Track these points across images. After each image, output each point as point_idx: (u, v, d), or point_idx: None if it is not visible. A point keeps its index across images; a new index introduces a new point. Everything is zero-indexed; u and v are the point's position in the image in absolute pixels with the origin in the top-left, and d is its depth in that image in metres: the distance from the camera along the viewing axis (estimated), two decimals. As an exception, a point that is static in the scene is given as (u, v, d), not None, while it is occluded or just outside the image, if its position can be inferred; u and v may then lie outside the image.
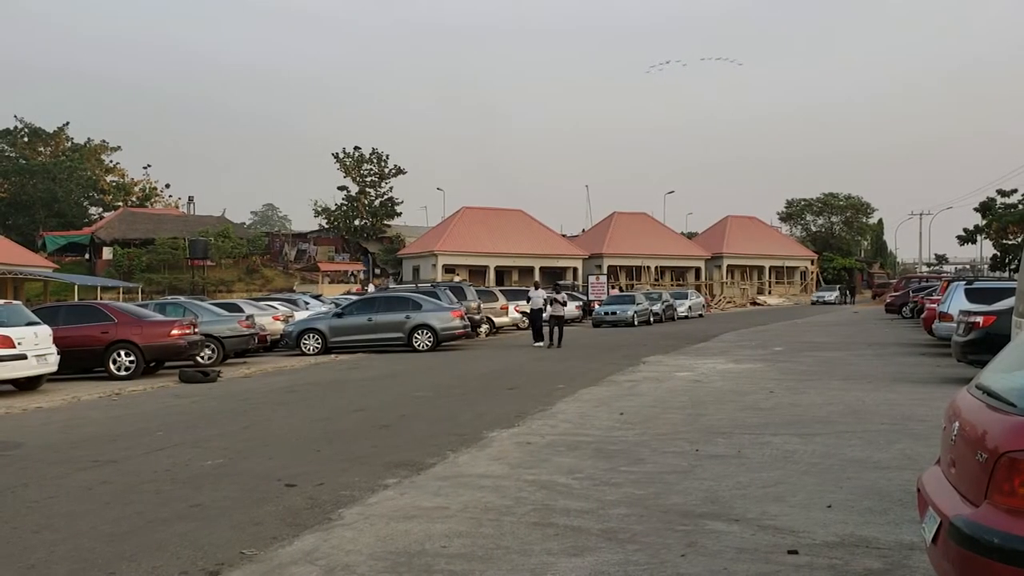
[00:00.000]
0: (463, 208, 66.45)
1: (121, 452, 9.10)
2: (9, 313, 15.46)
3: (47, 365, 15.54)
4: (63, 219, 70.56)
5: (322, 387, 15.51)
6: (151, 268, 59.27)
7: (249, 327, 21.76)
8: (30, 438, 10.29)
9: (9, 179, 70.76)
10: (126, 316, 18.29)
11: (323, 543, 5.51)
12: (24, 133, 75.77)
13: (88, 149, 77.99)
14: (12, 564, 5.26)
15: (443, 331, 23.77)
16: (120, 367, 17.49)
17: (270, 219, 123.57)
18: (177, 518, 6.27)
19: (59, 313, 18.09)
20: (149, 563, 5.20)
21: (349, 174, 71.23)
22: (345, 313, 24.58)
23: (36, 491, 7.31)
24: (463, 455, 8.40)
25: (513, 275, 61.94)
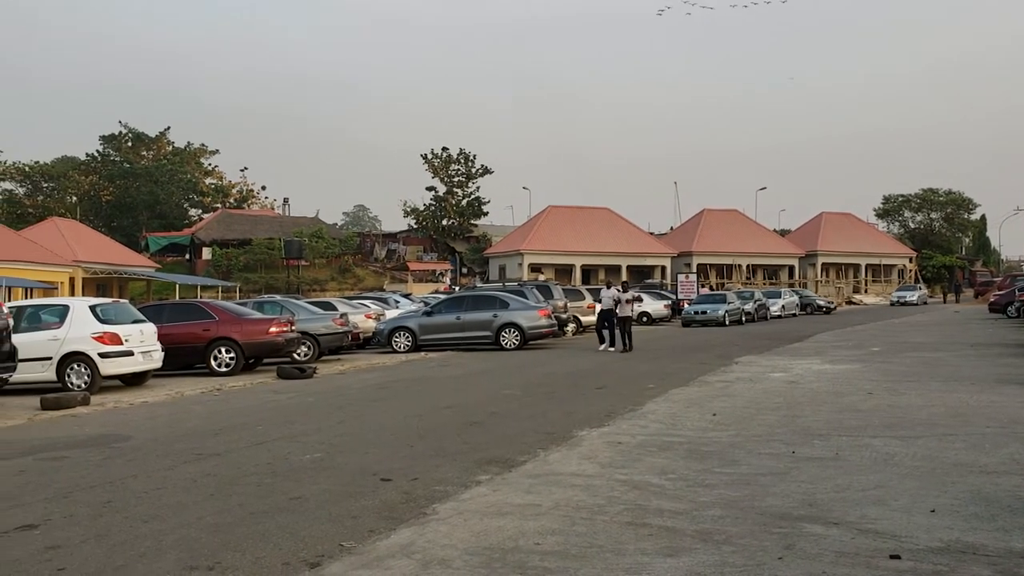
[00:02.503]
0: (549, 207, 66.48)
1: (223, 445, 9.42)
2: (116, 311, 16.19)
3: (152, 361, 16.20)
4: (165, 220, 73.31)
5: (413, 384, 15.75)
6: (248, 268, 61.09)
7: (343, 325, 22.26)
8: (138, 431, 10.75)
9: (114, 182, 73.88)
10: (227, 314, 18.92)
11: (419, 537, 5.60)
12: (128, 138, 79.00)
13: (188, 153, 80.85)
14: (125, 552, 5.50)
15: (530, 330, 23.82)
16: (221, 363, 18.11)
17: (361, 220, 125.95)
18: (278, 510, 6.46)
19: (163, 311, 18.83)
20: (253, 554, 5.37)
21: (437, 175, 72.06)
22: (434, 312, 24.91)
23: (145, 482, 7.63)
24: (553, 453, 8.43)
25: (599, 273, 61.61)
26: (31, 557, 5.40)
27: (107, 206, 74.08)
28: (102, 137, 78.26)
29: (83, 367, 15.11)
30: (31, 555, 5.44)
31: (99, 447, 9.59)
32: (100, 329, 15.27)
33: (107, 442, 9.93)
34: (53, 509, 6.66)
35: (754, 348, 22.36)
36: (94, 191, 74.45)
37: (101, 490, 7.32)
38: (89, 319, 15.38)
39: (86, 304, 15.96)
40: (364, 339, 25.36)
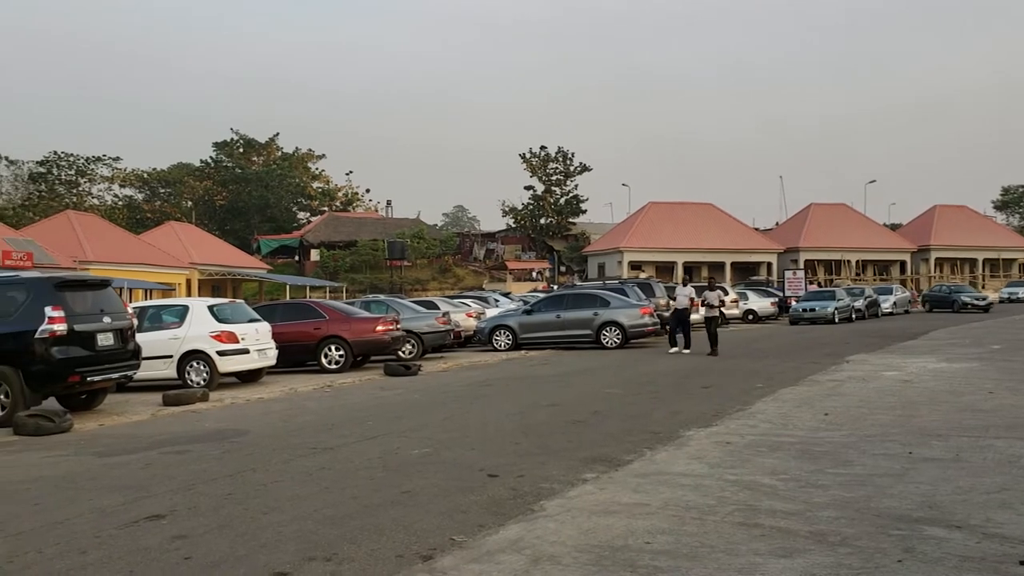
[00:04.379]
0: (649, 203, 65.87)
1: (336, 440, 9.70)
2: (233, 311, 16.85)
3: (267, 359, 16.80)
4: (275, 223, 75.76)
5: (515, 382, 15.86)
6: (353, 268, 62.61)
7: (446, 323, 22.60)
8: (254, 426, 11.16)
9: (227, 187, 76.79)
10: (336, 313, 19.47)
11: (527, 533, 5.65)
12: (239, 144, 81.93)
13: (296, 158, 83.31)
14: (246, 542, 5.72)
15: (632, 328, 23.65)
16: (331, 361, 18.64)
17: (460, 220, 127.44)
18: (390, 504, 6.61)
19: (276, 311, 19.50)
20: (368, 546, 5.52)
21: (535, 173, 72.29)
22: (534, 310, 25.00)
23: (263, 475, 7.92)
24: (660, 453, 8.36)
25: (703, 271, 60.70)
26: (160, 546, 5.67)
27: (220, 210, 77.01)
28: (215, 144, 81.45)
29: (202, 364, 15.79)
30: (160, 544, 5.71)
31: (219, 441, 10.01)
32: (218, 328, 15.94)
33: (226, 436, 10.35)
34: (178, 500, 6.98)
35: (865, 346, 21.66)
36: (208, 196, 77.55)
37: (222, 482, 7.64)
38: (207, 319, 16.07)
39: (204, 304, 16.67)
40: (465, 338, 25.65)
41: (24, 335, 11.97)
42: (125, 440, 10.49)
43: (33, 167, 72.11)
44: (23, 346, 11.95)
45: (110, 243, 44.54)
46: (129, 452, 9.50)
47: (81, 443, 10.35)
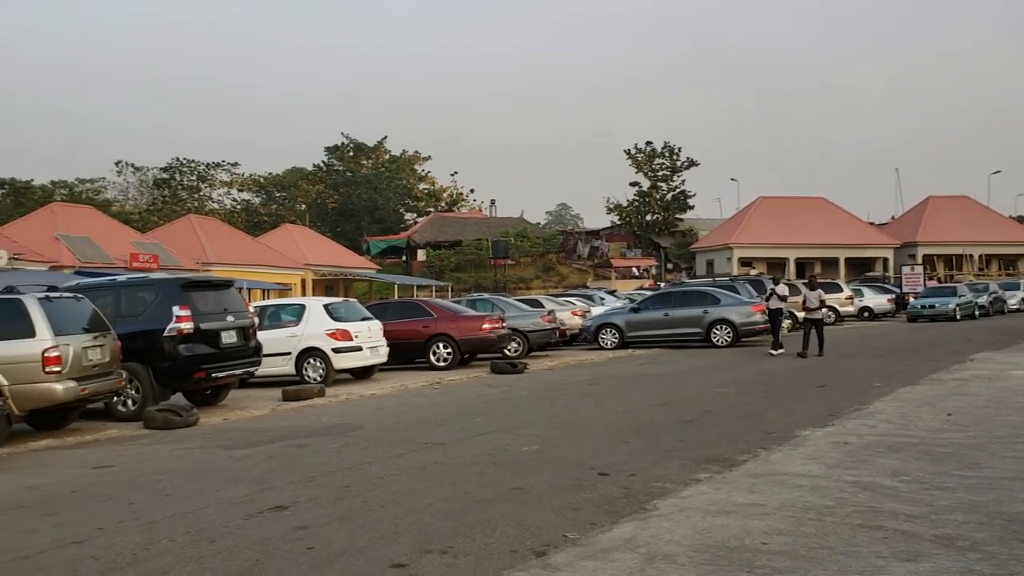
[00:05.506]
0: (759, 198, 64.36)
1: (447, 436, 9.87)
2: (347, 310, 17.36)
3: (379, 356, 17.23)
4: (383, 225, 77.40)
5: (623, 380, 15.78)
6: (459, 268, 63.39)
7: (551, 322, 22.64)
8: (369, 421, 11.46)
9: (338, 190, 78.86)
10: (444, 312, 19.79)
11: (641, 532, 5.63)
12: (349, 148, 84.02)
13: (403, 160, 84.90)
14: (365, 534, 5.89)
15: (743, 326, 23.13)
16: (439, 358, 18.95)
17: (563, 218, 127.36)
18: (501, 499, 6.69)
19: (387, 309, 19.97)
20: (482, 540, 5.61)
21: (641, 169, 71.60)
22: (641, 308, 24.78)
23: (379, 469, 8.14)
24: (775, 453, 8.19)
25: (815, 267, 58.97)
26: (283, 536, 5.89)
27: (332, 212, 79.16)
28: (327, 148, 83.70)
29: (318, 361, 16.31)
30: (283, 534, 5.94)
31: (336, 435, 10.32)
32: (333, 326, 16.44)
33: (343, 431, 10.66)
34: (300, 492, 7.24)
35: (990, 344, 20.65)
36: (320, 199, 79.82)
37: (341, 475, 7.88)
38: (323, 317, 16.60)
39: (320, 303, 17.22)
40: (571, 336, 25.63)
41: (153, 333, 12.62)
42: (248, 434, 10.93)
43: (157, 173, 75.73)
44: (152, 344, 12.59)
45: (230, 245, 46.37)
46: (252, 445, 9.90)
47: (207, 436, 10.84)
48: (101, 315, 12.03)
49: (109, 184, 72.95)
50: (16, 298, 10.99)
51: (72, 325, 11.29)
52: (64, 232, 36.88)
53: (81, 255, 35.50)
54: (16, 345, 10.50)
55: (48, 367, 10.63)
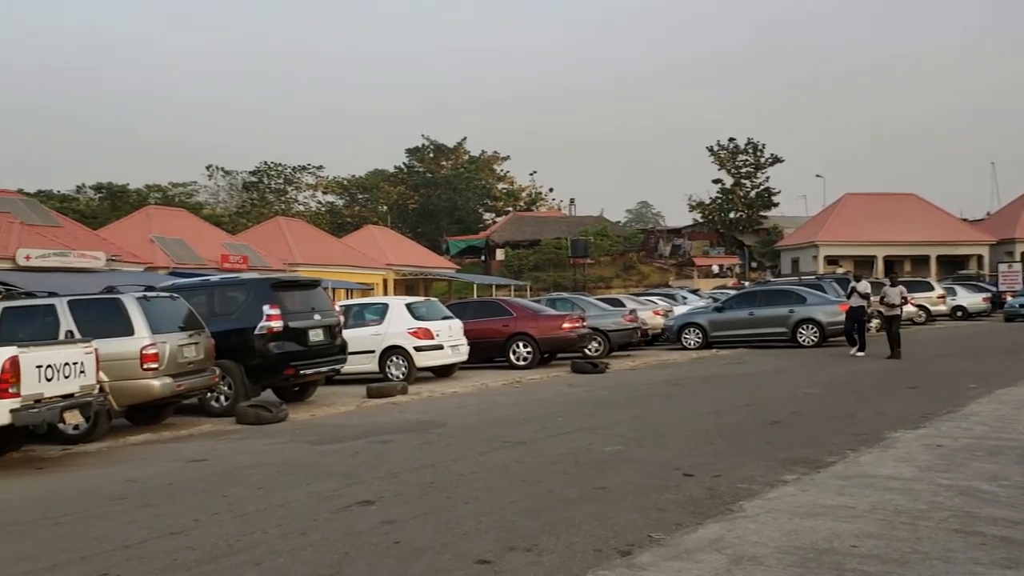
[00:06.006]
0: (846, 194, 62.72)
1: (528, 435, 9.92)
2: (428, 309, 17.59)
3: (459, 355, 17.40)
4: (462, 225, 78.07)
5: (706, 381, 15.59)
6: (537, 267, 63.48)
7: (632, 321, 22.50)
8: (450, 419, 11.58)
9: (419, 191, 79.88)
10: (524, 311, 19.86)
11: (727, 533, 5.57)
12: (430, 150, 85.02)
13: (482, 160, 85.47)
14: (450, 530, 5.96)
15: (830, 326, 22.56)
16: (519, 357, 19.03)
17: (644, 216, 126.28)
18: (585, 499, 6.70)
19: (467, 308, 20.15)
20: (566, 539, 5.62)
21: (724, 166, 70.51)
22: (725, 307, 24.44)
23: (462, 466, 8.22)
24: (864, 455, 7.99)
25: (905, 265, 57.22)
26: (371, 530, 6.01)
27: (412, 213, 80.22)
28: (408, 150, 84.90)
29: (401, 359, 16.57)
30: (371, 528, 6.05)
31: (419, 432, 10.47)
32: (415, 325, 16.68)
33: (426, 428, 10.81)
34: (385, 487, 7.37)
35: (1097, 345, 19.73)
36: (401, 200, 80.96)
37: (425, 471, 7.99)
38: (405, 316, 16.86)
39: (402, 303, 17.50)
40: (652, 336, 25.42)
41: (245, 332, 13.02)
42: (335, 429, 11.18)
43: (246, 177, 77.98)
44: (244, 342, 12.99)
45: (315, 246, 47.43)
46: (339, 441, 10.12)
47: (296, 432, 11.12)
48: (196, 314, 12.47)
49: (201, 187, 75.49)
50: (116, 298, 11.48)
51: (168, 324, 11.74)
52: (159, 234, 38.27)
53: (175, 256, 36.78)
54: (116, 343, 10.94)
55: (146, 364, 11.07)
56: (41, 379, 9.09)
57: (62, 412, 9.35)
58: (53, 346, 9.88)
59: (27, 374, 8.85)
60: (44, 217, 34.13)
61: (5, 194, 34.28)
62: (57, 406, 9.25)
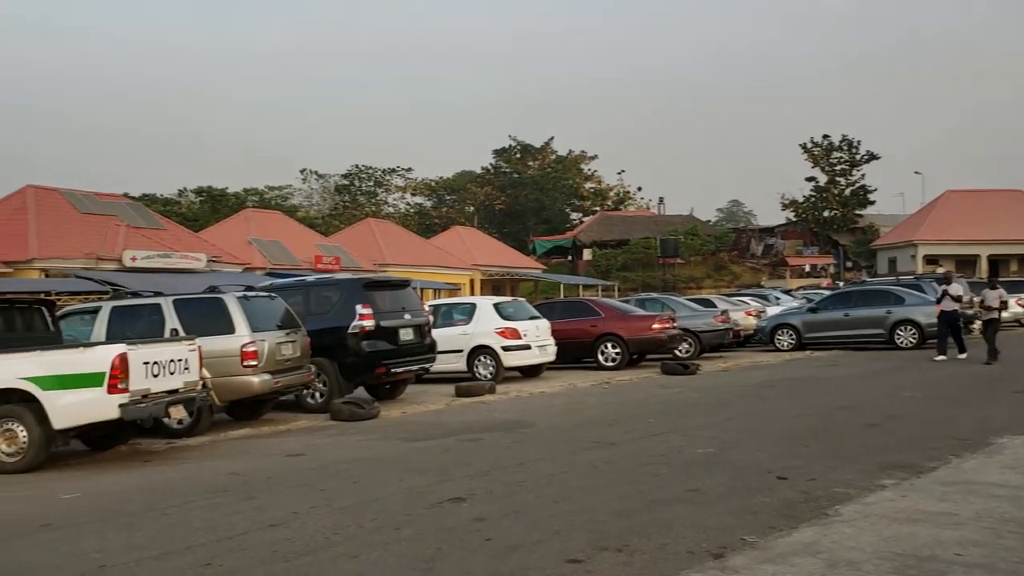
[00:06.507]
0: (946, 191, 60.42)
1: (618, 436, 9.89)
2: (516, 309, 17.69)
3: (547, 355, 17.45)
4: (549, 225, 78.12)
5: (800, 383, 15.27)
6: (625, 267, 63.06)
7: (724, 322, 22.17)
8: (539, 419, 11.63)
9: (506, 192, 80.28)
10: (612, 311, 19.78)
11: (822, 537, 5.46)
12: (516, 150, 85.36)
13: (569, 160, 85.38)
14: (540, 528, 6.00)
15: (929, 327, 21.70)
16: (608, 358, 18.96)
17: (735, 215, 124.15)
18: (676, 500, 6.65)
19: (554, 308, 20.16)
20: (658, 540, 5.59)
21: (817, 164, 68.74)
22: (820, 308, 23.88)
23: (551, 465, 8.25)
24: (968, 461, 7.72)
25: (1011, 265, 54.84)
26: (462, 527, 6.09)
27: (499, 214, 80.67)
28: (495, 151, 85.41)
29: (489, 359, 16.71)
30: (462, 524, 6.14)
31: (508, 431, 10.55)
32: (502, 325, 16.79)
33: (514, 427, 10.89)
34: (476, 485, 7.46)
35: None
36: (488, 200, 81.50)
37: (514, 470, 8.06)
38: (493, 316, 16.99)
39: (490, 302, 17.64)
40: (744, 337, 24.99)
41: (338, 330, 13.34)
42: (425, 427, 11.36)
43: (338, 180, 79.73)
44: (338, 340, 13.32)
45: (404, 247, 48.20)
46: (430, 438, 10.28)
47: (388, 429, 11.34)
48: (293, 313, 12.84)
49: (295, 191, 77.52)
50: (218, 297, 11.91)
51: (267, 322, 12.12)
52: (256, 236, 39.46)
53: (271, 257, 37.87)
54: (218, 341, 11.34)
55: (246, 361, 11.46)
56: (148, 375, 9.49)
57: (167, 407, 9.74)
58: (159, 343, 10.32)
59: (135, 370, 9.24)
60: (149, 220, 35.55)
61: (112, 198, 35.84)
62: (163, 401, 9.65)
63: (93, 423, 9.36)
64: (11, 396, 9.14)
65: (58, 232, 30.16)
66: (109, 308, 12.23)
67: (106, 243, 30.71)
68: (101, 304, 12.69)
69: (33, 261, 28.47)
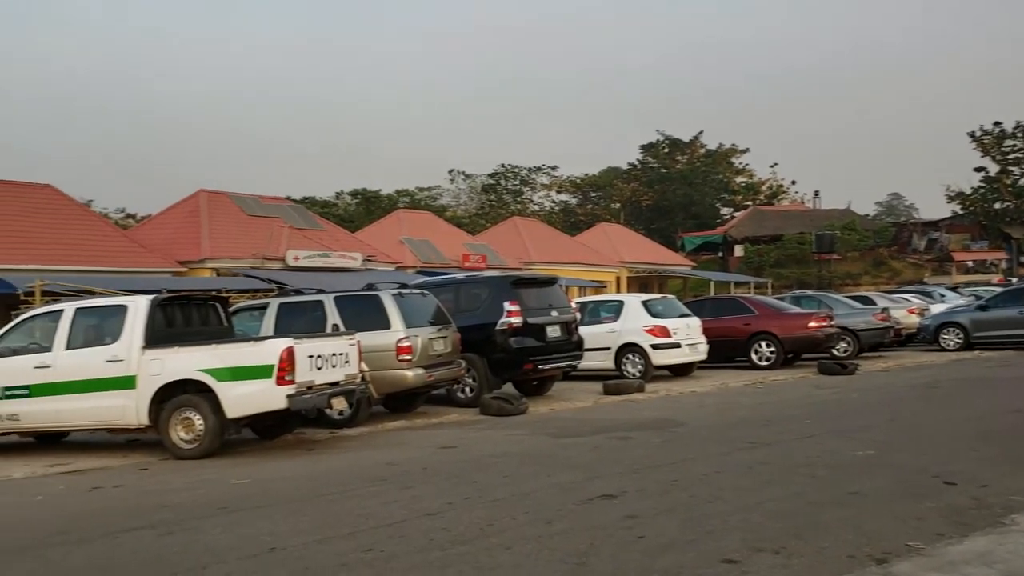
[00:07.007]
0: None
1: (773, 436, 9.64)
2: (665, 306, 17.51)
3: (697, 353, 17.18)
4: (698, 220, 76.73)
5: (968, 384, 14.46)
6: (779, 263, 61.16)
7: (885, 320, 21.21)
8: (690, 418, 11.48)
9: (653, 187, 79.43)
10: (766, 309, 19.28)
11: (997, 547, 5.16)
12: (664, 145, 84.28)
13: (719, 154, 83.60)
14: (693, 528, 5.92)
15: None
16: (761, 357, 18.48)
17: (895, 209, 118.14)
18: (835, 503, 6.43)
19: (705, 306, 19.83)
20: (816, 543, 5.43)
21: (988, 153, 64.51)
22: (990, 305, 22.47)
23: (703, 465, 8.14)
24: None
25: None
26: (614, 523, 6.09)
27: (646, 210, 79.90)
28: (641, 146, 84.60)
29: (637, 357, 16.60)
30: (613, 521, 6.14)
31: (658, 430, 10.46)
32: (651, 323, 16.65)
33: (664, 426, 10.79)
34: (626, 483, 7.44)
35: None
36: (635, 197, 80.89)
37: (666, 469, 7.99)
38: (641, 313, 16.87)
39: (638, 300, 17.53)
40: (906, 336, 23.78)
41: (487, 327, 13.60)
42: (573, 424, 11.42)
43: (485, 179, 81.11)
44: (486, 337, 13.58)
45: (549, 245, 48.48)
46: (578, 435, 10.33)
47: (536, 424, 11.48)
48: (444, 310, 13.20)
49: (444, 191, 79.42)
50: (376, 294, 12.40)
51: (420, 318, 12.52)
52: (408, 236, 40.67)
53: (422, 256, 38.94)
54: (375, 336, 11.79)
55: (401, 356, 11.87)
56: (312, 368, 9.98)
57: (330, 398, 10.22)
58: (322, 338, 10.84)
59: (300, 363, 9.75)
60: (309, 221, 37.24)
61: (276, 201, 37.76)
62: (326, 393, 10.13)
63: (262, 413, 9.94)
64: (189, 386, 9.82)
65: (227, 233, 32.04)
66: (277, 305, 12.96)
67: (271, 243, 32.39)
68: (269, 301, 13.46)
69: (205, 261, 30.35)
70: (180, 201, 34.60)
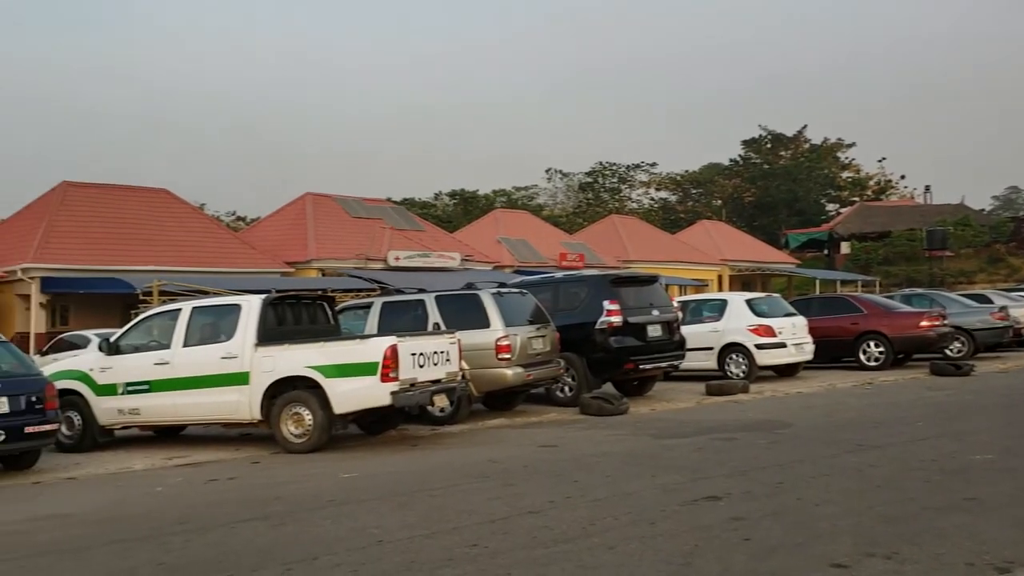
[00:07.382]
0: None
1: (883, 439, 9.34)
2: (770, 305, 17.15)
3: (803, 353, 16.76)
4: (802, 217, 74.76)
5: (1098, 388, 13.66)
6: (887, 261, 59.05)
7: (1002, 319, 20.26)
8: (797, 419, 11.21)
9: (755, 184, 77.81)
10: (875, 307, 18.66)
11: None
12: (767, 140, 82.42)
13: (824, 148, 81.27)
14: (801, 531, 5.80)
15: None
16: (870, 357, 17.89)
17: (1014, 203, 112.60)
18: (951, 509, 6.20)
19: (811, 305, 19.33)
20: (931, 549, 5.24)
21: (1117, 142, 60.83)
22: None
23: (811, 468, 7.95)
24: None
25: None
26: (719, 525, 6.01)
27: (749, 207, 78.31)
28: (743, 142, 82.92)
29: (740, 357, 16.30)
30: (719, 523, 6.06)
31: (763, 431, 10.26)
32: (755, 322, 16.32)
33: (770, 427, 10.57)
34: (732, 484, 7.33)
35: None
36: (737, 193, 79.41)
37: (772, 471, 7.83)
38: (745, 313, 16.55)
39: (742, 299, 17.21)
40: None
41: (586, 326, 13.57)
42: (675, 424, 11.30)
43: (582, 178, 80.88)
44: (585, 336, 13.55)
45: (648, 243, 48.03)
46: (680, 436, 10.22)
47: (637, 425, 11.40)
48: (542, 308, 13.24)
49: (541, 190, 79.59)
50: (475, 293, 12.54)
51: (519, 317, 12.59)
52: (505, 235, 40.93)
53: (519, 255, 39.12)
54: (475, 335, 11.93)
55: (500, 354, 11.97)
56: (415, 366, 10.18)
57: (432, 396, 10.40)
58: (424, 336, 11.04)
59: (404, 361, 9.95)
60: (410, 222, 37.90)
61: (378, 203, 38.55)
62: (428, 390, 10.31)
63: (368, 408, 10.18)
64: (299, 383, 10.15)
65: (332, 235, 32.90)
66: (380, 304, 13.25)
67: (373, 244, 33.10)
68: (373, 300, 13.77)
69: (312, 261, 31.24)
70: (288, 204, 35.70)
